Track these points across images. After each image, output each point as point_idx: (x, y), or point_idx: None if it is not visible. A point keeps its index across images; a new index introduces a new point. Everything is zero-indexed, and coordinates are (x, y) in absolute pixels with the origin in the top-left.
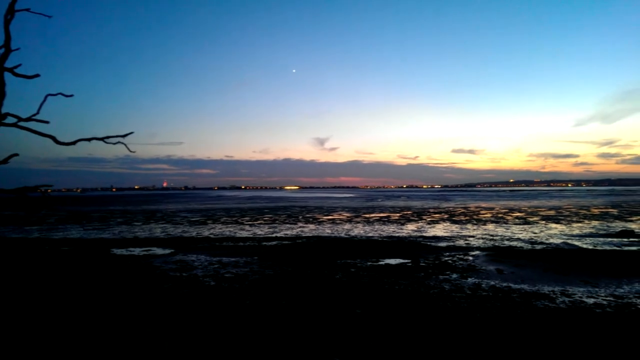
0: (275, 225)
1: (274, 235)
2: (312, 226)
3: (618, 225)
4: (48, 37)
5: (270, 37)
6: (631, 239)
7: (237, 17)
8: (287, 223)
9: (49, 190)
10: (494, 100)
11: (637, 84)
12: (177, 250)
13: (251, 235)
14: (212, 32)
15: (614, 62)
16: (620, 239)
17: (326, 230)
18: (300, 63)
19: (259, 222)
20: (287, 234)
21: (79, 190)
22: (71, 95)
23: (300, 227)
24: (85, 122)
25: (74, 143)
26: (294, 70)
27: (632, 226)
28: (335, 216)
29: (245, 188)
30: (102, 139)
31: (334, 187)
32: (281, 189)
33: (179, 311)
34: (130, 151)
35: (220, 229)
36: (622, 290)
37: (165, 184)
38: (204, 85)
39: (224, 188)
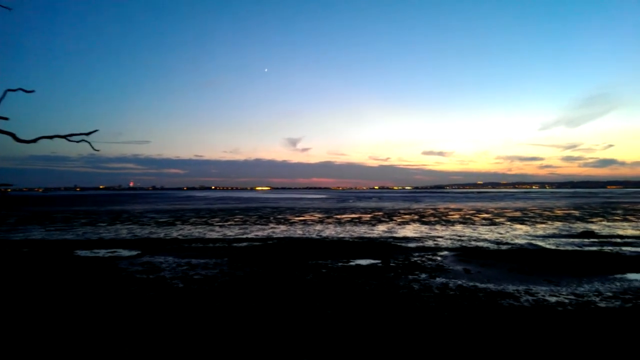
0: (246, 226)
1: (244, 236)
2: (283, 227)
3: (580, 226)
4: (8, 31)
5: (242, 36)
6: (591, 240)
7: (208, 15)
8: (258, 224)
9: (8, 190)
10: (463, 104)
11: (600, 89)
12: (144, 251)
13: (221, 237)
14: (180, 29)
15: (579, 68)
16: (581, 240)
17: (297, 231)
18: (273, 62)
19: (229, 223)
20: (258, 235)
21: (40, 190)
22: (32, 91)
23: (272, 228)
24: (48, 119)
25: (35, 141)
26: (266, 70)
27: (593, 227)
28: (307, 217)
29: (215, 188)
30: (65, 136)
31: (306, 188)
32: (252, 189)
33: (146, 314)
34: (95, 150)
35: (190, 230)
36: (582, 289)
37: (131, 184)
38: (172, 83)
39: (193, 188)
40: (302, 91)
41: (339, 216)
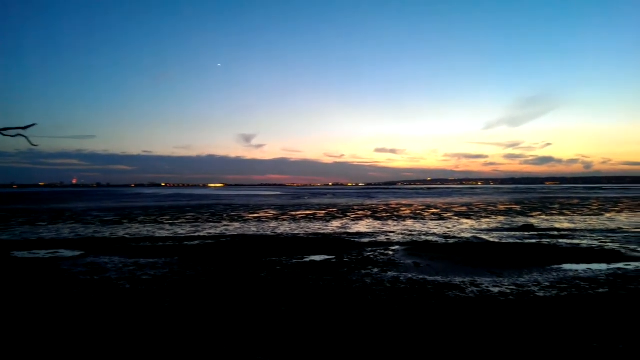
0: (198, 224)
1: (196, 234)
2: (237, 224)
3: (520, 220)
4: None
5: (194, 29)
6: (531, 233)
7: (158, 7)
8: (210, 222)
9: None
10: (413, 103)
11: (539, 91)
12: (88, 252)
13: (172, 235)
14: (129, 20)
15: (521, 70)
16: (522, 233)
17: (252, 229)
18: (226, 57)
19: (180, 221)
20: (210, 233)
21: None
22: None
23: (225, 225)
24: None
25: None
26: (219, 65)
27: (532, 221)
28: (262, 214)
29: (165, 185)
30: None
31: (261, 185)
32: (205, 186)
33: (91, 316)
34: (33, 145)
35: (138, 228)
36: (522, 280)
37: (75, 181)
38: (119, 75)
39: (142, 185)
40: (256, 87)
41: (293, 213)
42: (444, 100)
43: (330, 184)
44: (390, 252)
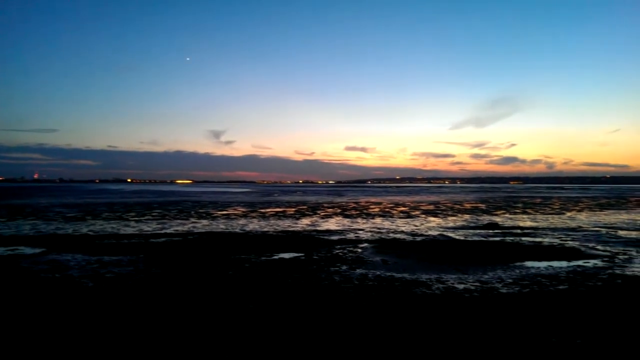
0: (164, 221)
1: (163, 231)
2: (205, 222)
3: (485, 219)
4: None
5: (163, 22)
6: (495, 231)
7: None
8: (178, 218)
9: None
10: (384, 103)
11: (505, 92)
12: (50, 249)
13: (137, 232)
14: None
15: (487, 72)
16: (486, 231)
17: (220, 226)
18: (196, 52)
19: (146, 217)
20: (177, 230)
21: None
22: None
23: (193, 222)
24: None
25: None
26: (188, 59)
27: (497, 219)
28: (230, 211)
29: (131, 181)
30: None
31: (230, 182)
32: (172, 183)
33: (51, 315)
34: None
35: (102, 225)
36: (486, 277)
37: (36, 176)
38: (83, 67)
39: (106, 181)
40: (226, 83)
41: (263, 210)
42: (413, 100)
43: (301, 181)
44: (359, 250)
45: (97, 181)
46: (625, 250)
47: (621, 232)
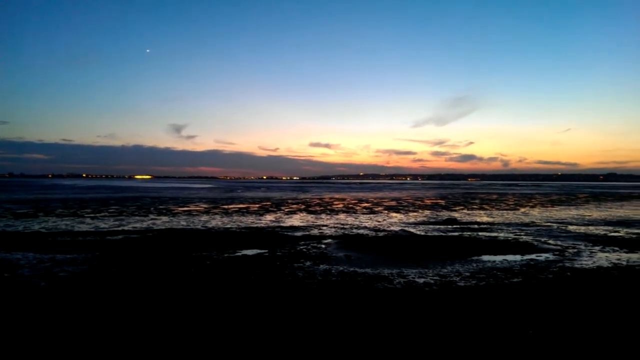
0: (122, 217)
1: (120, 228)
2: (165, 218)
3: (445, 214)
4: None
5: (122, 10)
6: (454, 226)
7: None
8: (136, 215)
9: None
10: (348, 100)
11: (464, 92)
12: None
13: (93, 229)
14: None
15: (448, 72)
16: (446, 226)
17: (181, 222)
18: (156, 43)
19: (102, 214)
20: (136, 227)
21: None
22: None
23: (152, 219)
24: None
25: None
26: (148, 50)
27: (455, 215)
28: (192, 207)
29: (87, 176)
30: None
31: (192, 178)
32: (131, 178)
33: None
34: None
35: (55, 222)
36: (445, 271)
37: None
38: (35, 57)
39: (60, 176)
40: (189, 76)
41: (226, 206)
42: (376, 98)
43: (265, 177)
44: (323, 246)
45: (50, 176)
46: (575, 244)
47: (571, 227)
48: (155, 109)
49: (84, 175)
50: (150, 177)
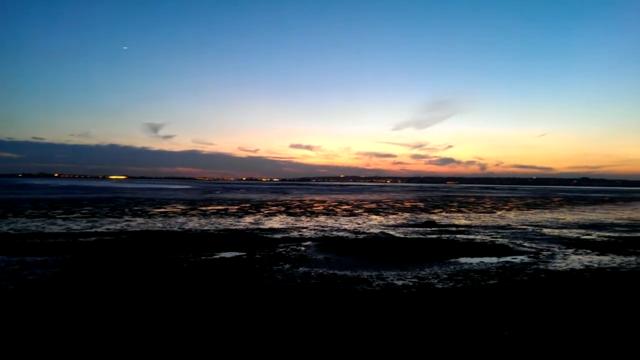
0: (95, 219)
1: (93, 230)
2: (140, 220)
3: (424, 217)
4: None
5: (99, 6)
6: (433, 229)
7: None
8: (110, 216)
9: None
10: (329, 102)
11: (444, 96)
12: None
13: (64, 231)
14: None
15: (428, 76)
16: (424, 229)
17: (157, 224)
18: (134, 41)
19: (75, 215)
20: (109, 229)
21: None
22: None
23: (127, 220)
24: None
25: None
26: (125, 48)
27: (434, 217)
28: (169, 209)
29: (59, 176)
30: None
31: (169, 178)
32: (105, 178)
33: None
34: None
35: (24, 223)
36: (424, 273)
37: None
38: (5, 53)
39: (30, 175)
40: (167, 75)
41: (204, 208)
42: (357, 101)
43: (244, 178)
44: (302, 248)
45: (20, 175)
46: (549, 247)
47: (545, 230)
48: (131, 107)
49: (55, 174)
50: (125, 177)
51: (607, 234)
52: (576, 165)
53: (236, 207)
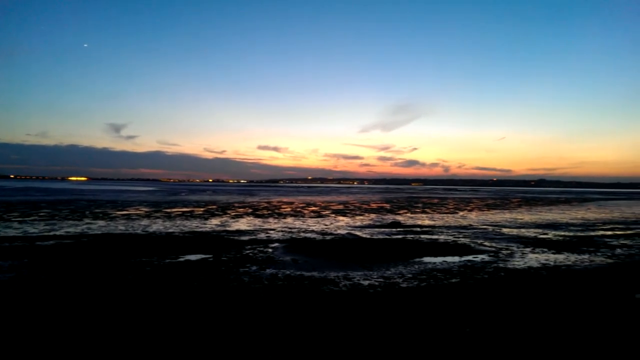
0: (54, 222)
1: (52, 233)
2: (102, 222)
3: (389, 218)
4: None
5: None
6: (398, 229)
7: None
8: (69, 219)
9: None
10: (297, 104)
11: (409, 100)
12: None
13: (21, 234)
14: None
15: (393, 79)
16: (390, 229)
17: (119, 227)
18: (95, 38)
19: (32, 218)
20: (69, 232)
21: None
22: None
23: (87, 223)
24: None
25: None
26: (86, 45)
27: (400, 218)
28: (132, 211)
29: (15, 177)
30: None
31: (132, 180)
32: (64, 179)
33: None
34: None
35: None
36: (389, 272)
37: None
38: None
39: None
40: (130, 74)
41: (168, 210)
42: (324, 103)
43: (211, 180)
44: (270, 250)
45: None
46: (508, 246)
47: (505, 230)
48: (92, 107)
49: (12, 176)
50: (86, 178)
51: (563, 234)
52: (534, 168)
53: (202, 209)
